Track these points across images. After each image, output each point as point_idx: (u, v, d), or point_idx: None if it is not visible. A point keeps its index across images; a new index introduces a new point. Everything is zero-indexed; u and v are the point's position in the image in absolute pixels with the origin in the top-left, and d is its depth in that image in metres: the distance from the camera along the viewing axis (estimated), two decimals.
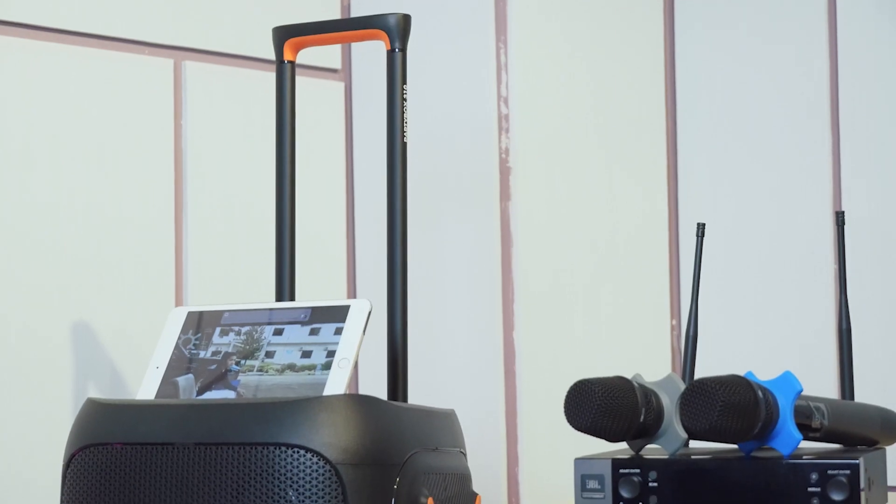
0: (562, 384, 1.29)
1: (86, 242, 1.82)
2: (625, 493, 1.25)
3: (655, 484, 1.24)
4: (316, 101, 2.10)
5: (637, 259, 2.10)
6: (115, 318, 1.84)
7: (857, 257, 1.95)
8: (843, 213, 1.47)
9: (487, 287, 2.15)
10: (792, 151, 2.04)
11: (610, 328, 2.10)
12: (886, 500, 1.34)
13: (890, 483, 1.38)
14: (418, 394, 1.83)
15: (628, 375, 1.30)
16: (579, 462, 1.27)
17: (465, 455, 1.53)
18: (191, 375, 1.46)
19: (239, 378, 1.44)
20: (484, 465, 2.05)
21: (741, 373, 1.24)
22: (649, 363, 2.05)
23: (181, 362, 1.48)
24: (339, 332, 1.43)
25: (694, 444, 1.42)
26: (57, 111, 1.80)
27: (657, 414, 1.28)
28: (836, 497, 1.19)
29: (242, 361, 1.45)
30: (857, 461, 1.19)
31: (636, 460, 1.26)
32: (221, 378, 1.45)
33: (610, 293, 2.11)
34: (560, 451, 1.99)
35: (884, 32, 2.02)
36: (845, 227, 1.47)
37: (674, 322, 2.08)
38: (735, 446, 1.29)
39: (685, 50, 2.20)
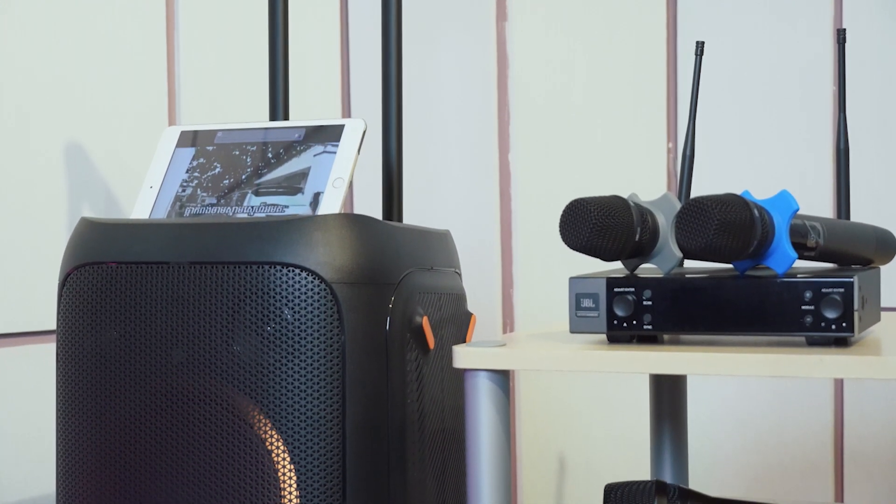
0: (556, 206, 1.28)
1: (79, 63, 1.80)
2: (619, 312, 1.25)
3: (650, 302, 1.24)
4: None
5: (634, 80, 2.08)
6: (109, 139, 1.83)
7: (856, 76, 1.93)
8: (844, 30, 1.45)
9: (483, 109, 2.14)
10: None
11: (606, 151, 2.09)
12: (879, 320, 1.35)
13: (883, 304, 1.39)
14: (413, 216, 1.83)
15: (624, 196, 1.29)
16: (574, 281, 1.27)
17: (459, 275, 1.53)
18: (184, 194, 1.46)
19: (233, 197, 1.44)
20: (479, 285, 2.06)
21: (737, 192, 1.24)
22: (645, 186, 2.05)
23: (174, 181, 1.47)
24: (333, 151, 1.42)
25: (688, 263, 1.42)
26: None
27: (652, 233, 1.27)
28: (830, 315, 1.19)
29: (236, 180, 1.45)
30: (851, 279, 1.19)
31: (631, 279, 1.26)
32: (215, 197, 1.45)
33: (606, 115, 2.09)
34: (554, 272, 2.00)
35: None
36: (846, 45, 1.45)
37: (670, 145, 2.07)
38: (730, 266, 1.29)
39: None
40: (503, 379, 1.26)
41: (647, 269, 1.34)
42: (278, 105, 1.57)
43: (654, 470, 1.60)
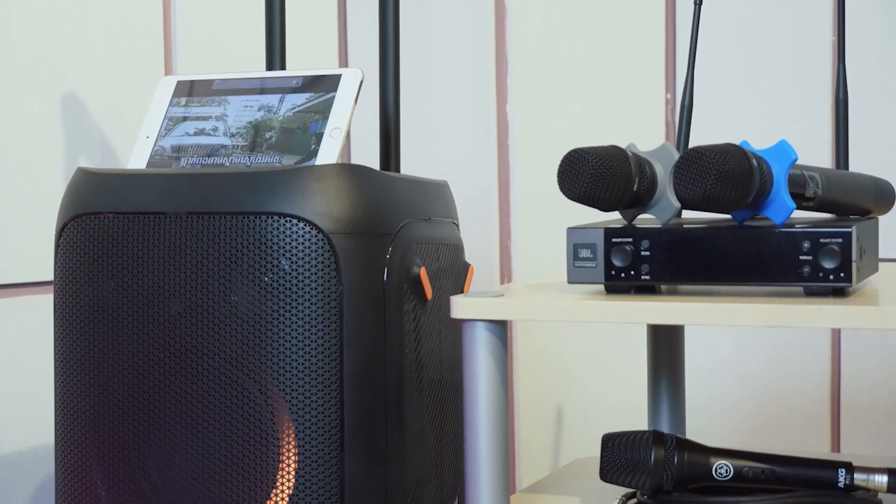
0: (554, 157, 1.28)
1: (75, 12, 1.79)
2: (617, 262, 1.25)
3: (647, 253, 1.24)
4: None
5: (632, 31, 2.07)
6: (105, 89, 1.82)
7: (856, 26, 1.92)
8: None
9: (481, 59, 2.13)
10: None
11: (604, 101, 2.09)
12: (877, 270, 1.35)
13: (882, 255, 1.39)
14: (411, 166, 1.83)
15: (622, 146, 1.29)
16: (572, 231, 1.27)
17: (457, 226, 1.53)
18: (181, 144, 1.45)
19: (230, 147, 1.43)
20: (477, 237, 2.06)
21: (736, 142, 1.23)
22: (643, 138, 2.04)
23: (171, 131, 1.46)
24: (330, 101, 1.42)
25: (687, 213, 1.41)
26: None
27: (651, 183, 1.27)
28: (828, 265, 1.19)
29: (233, 130, 1.44)
30: (849, 230, 1.19)
31: (629, 229, 1.25)
32: (212, 147, 1.44)
33: (604, 66, 2.08)
34: (552, 223, 2.00)
35: None
36: None
37: (668, 96, 2.06)
38: (728, 216, 1.28)
39: None
40: (501, 329, 1.26)
41: (645, 219, 1.33)
42: (275, 54, 1.57)
43: (651, 420, 1.60)
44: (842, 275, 1.19)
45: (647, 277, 1.25)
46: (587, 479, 1.46)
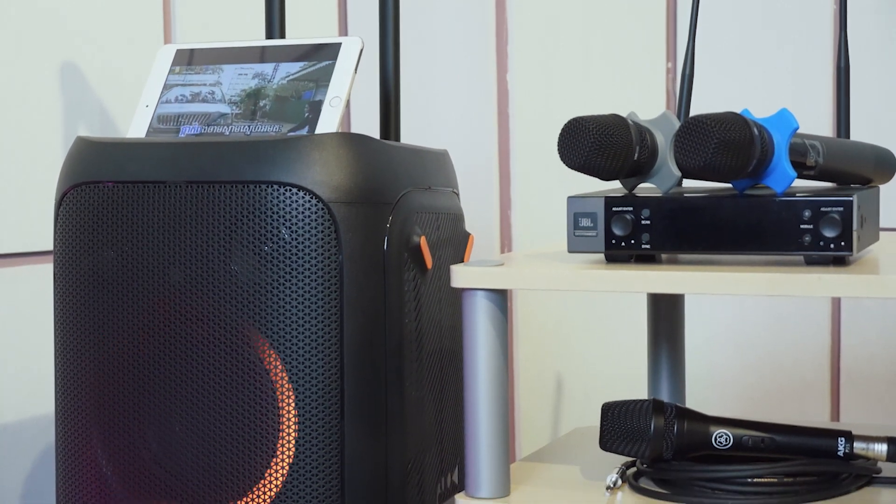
0: (555, 126, 1.28)
1: None
2: (617, 231, 1.25)
3: (648, 222, 1.24)
4: None
5: (634, 0, 2.06)
6: (104, 57, 1.81)
7: None
8: None
9: (481, 28, 2.12)
10: None
11: (604, 70, 2.08)
12: (878, 239, 1.34)
13: (882, 224, 1.39)
14: (411, 136, 1.82)
15: (623, 115, 1.29)
16: (572, 200, 1.27)
17: (457, 195, 1.53)
18: (180, 113, 1.45)
19: (229, 116, 1.43)
20: (477, 206, 2.06)
21: (737, 111, 1.23)
22: (644, 106, 2.04)
23: (170, 100, 1.46)
24: (325, 69, 1.41)
25: (687, 182, 1.41)
26: None
27: (651, 152, 1.27)
28: (829, 234, 1.19)
29: (232, 99, 1.44)
30: (850, 198, 1.19)
31: (629, 198, 1.25)
32: (211, 116, 1.44)
33: (605, 35, 2.08)
34: (552, 193, 2.00)
35: None
36: None
37: (669, 65, 2.05)
38: (729, 185, 1.28)
39: None
40: (501, 298, 1.26)
41: (646, 188, 1.33)
42: (274, 23, 1.56)
43: (651, 390, 1.60)
44: (842, 244, 1.19)
45: (648, 246, 1.25)
46: (587, 448, 1.47)
